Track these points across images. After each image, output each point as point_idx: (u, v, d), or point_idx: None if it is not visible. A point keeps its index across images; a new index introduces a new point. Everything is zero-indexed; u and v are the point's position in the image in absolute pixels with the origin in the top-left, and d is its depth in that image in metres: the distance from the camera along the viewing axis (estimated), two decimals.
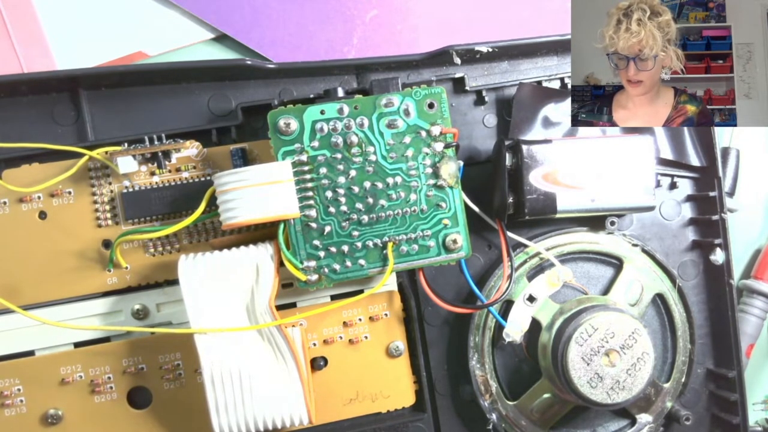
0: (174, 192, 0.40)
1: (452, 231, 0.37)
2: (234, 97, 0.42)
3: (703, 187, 0.45)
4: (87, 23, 0.46)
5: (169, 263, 0.40)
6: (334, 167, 0.36)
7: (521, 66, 0.44)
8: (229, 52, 0.48)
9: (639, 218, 0.45)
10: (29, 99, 0.40)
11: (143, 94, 0.41)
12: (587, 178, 0.40)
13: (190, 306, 0.36)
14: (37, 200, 0.39)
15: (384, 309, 0.41)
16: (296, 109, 0.36)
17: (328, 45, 0.48)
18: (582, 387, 0.38)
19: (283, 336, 0.36)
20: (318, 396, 0.40)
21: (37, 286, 0.39)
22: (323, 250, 0.37)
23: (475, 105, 0.43)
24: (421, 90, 0.37)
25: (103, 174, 0.39)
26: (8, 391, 0.39)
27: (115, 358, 0.39)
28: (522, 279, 0.42)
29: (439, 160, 0.37)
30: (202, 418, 0.38)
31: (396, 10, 0.49)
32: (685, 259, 0.45)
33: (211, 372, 0.36)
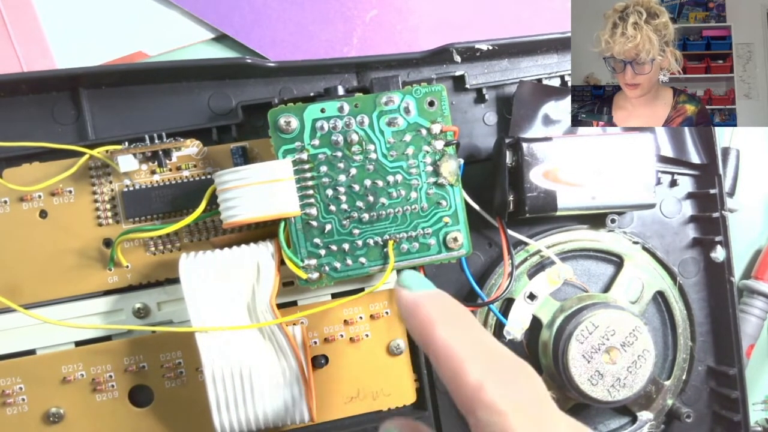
0: (174, 190, 0.40)
1: (453, 229, 0.37)
2: (234, 95, 0.42)
3: (703, 185, 0.45)
4: (87, 23, 0.46)
5: (170, 262, 0.40)
6: (334, 165, 0.36)
7: (521, 64, 0.44)
8: (229, 51, 0.48)
9: (639, 216, 0.45)
10: (29, 98, 0.40)
11: (144, 92, 0.41)
12: (588, 175, 0.40)
13: (190, 304, 0.36)
14: (37, 199, 0.39)
15: (385, 307, 0.41)
16: (296, 108, 0.36)
17: (328, 45, 0.48)
18: (583, 384, 0.38)
19: (284, 334, 0.36)
20: (319, 394, 0.40)
21: (38, 284, 0.39)
22: (324, 248, 0.37)
23: (476, 103, 0.43)
24: (421, 88, 0.37)
25: (104, 173, 0.40)
26: (10, 390, 0.39)
27: (117, 357, 0.39)
28: (522, 277, 0.42)
29: (439, 158, 0.37)
30: (204, 416, 0.38)
31: (396, 10, 0.49)
32: (685, 257, 0.45)
33: (212, 370, 0.36)
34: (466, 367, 0.26)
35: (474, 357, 0.27)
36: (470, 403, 0.26)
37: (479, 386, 0.25)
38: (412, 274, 0.33)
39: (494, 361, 0.27)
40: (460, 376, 0.26)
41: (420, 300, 0.30)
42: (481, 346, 0.28)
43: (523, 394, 0.26)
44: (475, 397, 0.25)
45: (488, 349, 0.28)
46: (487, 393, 0.25)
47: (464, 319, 0.29)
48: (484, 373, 0.26)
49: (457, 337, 0.28)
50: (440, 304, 0.30)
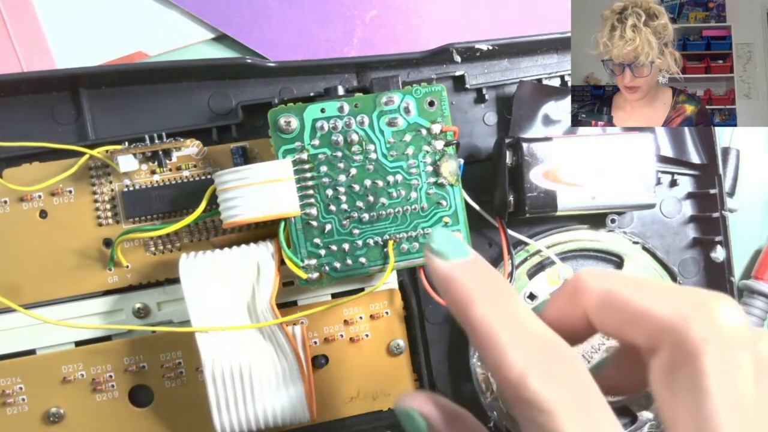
0: (174, 190, 0.40)
1: (453, 229, 0.37)
2: (234, 95, 0.42)
3: (703, 185, 0.45)
4: (87, 23, 0.46)
5: (170, 262, 0.40)
6: (334, 165, 0.36)
7: (521, 64, 0.44)
8: (229, 52, 0.48)
9: (639, 216, 0.45)
10: (29, 98, 0.40)
11: (144, 92, 0.41)
12: (588, 175, 0.40)
13: (190, 304, 0.36)
14: (37, 199, 0.39)
15: (385, 307, 0.41)
16: (297, 108, 0.36)
17: (328, 45, 0.48)
18: None
19: (284, 334, 0.36)
20: (319, 394, 0.40)
21: (38, 284, 0.39)
22: (324, 248, 0.37)
23: (476, 103, 0.43)
24: (421, 88, 0.37)
25: (104, 173, 0.40)
26: (10, 390, 0.39)
27: (117, 357, 0.39)
28: (522, 277, 0.42)
29: (439, 158, 0.37)
30: (204, 415, 0.38)
31: (396, 10, 0.49)
32: (685, 257, 0.45)
33: (213, 370, 0.36)
34: (510, 357, 0.24)
35: (517, 344, 0.24)
36: (514, 397, 0.24)
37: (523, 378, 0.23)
38: (445, 236, 0.28)
39: (539, 350, 0.24)
40: (502, 366, 0.24)
41: (455, 273, 0.27)
42: (524, 330, 0.25)
43: (570, 388, 0.23)
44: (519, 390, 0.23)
45: (532, 334, 0.25)
46: (531, 387, 0.23)
47: (505, 296, 0.26)
48: (528, 364, 0.24)
49: (498, 319, 0.25)
50: (478, 277, 0.27)
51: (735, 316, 0.24)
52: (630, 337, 0.26)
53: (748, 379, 0.23)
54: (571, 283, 0.28)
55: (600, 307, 0.27)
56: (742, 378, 0.23)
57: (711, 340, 0.23)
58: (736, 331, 0.24)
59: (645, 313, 0.25)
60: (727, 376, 0.23)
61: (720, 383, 0.23)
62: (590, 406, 0.24)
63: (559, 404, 0.23)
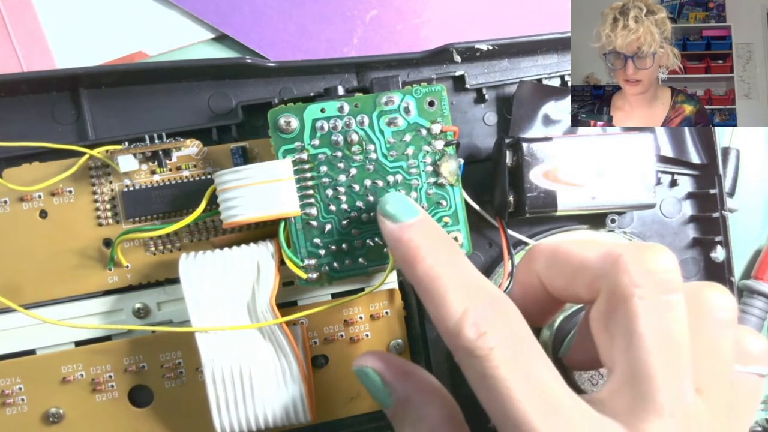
0: (174, 190, 0.40)
1: (453, 229, 0.37)
2: (234, 95, 0.42)
3: (703, 185, 0.45)
4: (87, 23, 0.46)
5: (170, 262, 0.40)
6: (334, 165, 0.36)
7: (521, 64, 0.44)
8: (229, 52, 0.48)
9: (639, 216, 0.45)
10: (29, 98, 0.40)
11: (143, 92, 0.41)
12: (588, 175, 0.40)
13: (190, 304, 0.36)
14: (37, 199, 0.39)
15: (385, 307, 0.41)
16: (296, 108, 0.36)
17: (328, 45, 0.48)
18: (583, 384, 0.38)
19: (284, 334, 0.36)
20: (319, 394, 0.40)
21: (37, 284, 0.39)
22: (324, 248, 0.37)
23: (476, 103, 0.43)
24: (421, 88, 0.37)
25: (104, 173, 0.40)
26: (9, 390, 0.39)
27: (116, 357, 0.39)
28: None
29: (439, 158, 0.37)
30: (204, 416, 0.38)
31: (396, 10, 0.49)
32: (685, 257, 0.45)
33: (212, 370, 0.36)
34: (448, 304, 0.26)
35: (456, 293, 0.26)
36: (453, 345, 0.25)
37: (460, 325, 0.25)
38: (396, 199, 0.32)
39: (477, 299, 0.26)
40: (442, 314, 0.26)
41: (404, 232, 0.29)
42: (464, 281, 0.27)
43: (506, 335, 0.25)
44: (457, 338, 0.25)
45: (474, 285, 0.27)
46: (467, 334, 0.25)
47: (450, 251, 0.29)
48: (466, 312, 0.25)
49: (441, 270, 0.27)
50: (426, 235, 0.29)
51: (666, 262, 0.25)
52: (575, 292, 0.28)
53: (680, 320, 0.24)
54: (527, 254, 0.30)
55: (548, 267, 0.29)
56: (673, 319, 0.24)
57: (642, 284, 0.24)
58: (667, 275, 0.25)
59: (583, 263, 0.27)
60: (658, 317, 0.24)
61: (651, 325, 0.24)
62: (525, 352, 0.25)
63: (494, 350, 0.24)
